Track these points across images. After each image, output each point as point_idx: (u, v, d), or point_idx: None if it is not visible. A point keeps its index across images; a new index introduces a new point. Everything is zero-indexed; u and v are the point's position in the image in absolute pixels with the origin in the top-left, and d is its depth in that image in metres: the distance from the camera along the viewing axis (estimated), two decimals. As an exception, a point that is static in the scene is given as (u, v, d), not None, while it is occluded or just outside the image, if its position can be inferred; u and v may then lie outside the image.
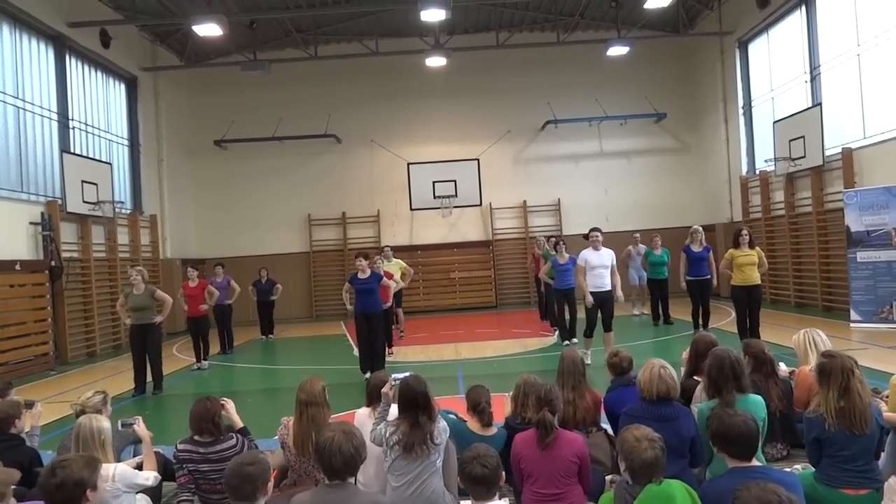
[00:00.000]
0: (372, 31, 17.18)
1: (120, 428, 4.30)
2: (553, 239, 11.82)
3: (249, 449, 3.98)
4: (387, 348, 10.57)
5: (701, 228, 11.00)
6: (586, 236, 8.92)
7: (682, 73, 19.12)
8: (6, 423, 4.17)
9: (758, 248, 9.11)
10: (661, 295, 12.57)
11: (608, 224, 18.29)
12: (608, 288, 8.74)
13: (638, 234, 14.28)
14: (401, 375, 4.07)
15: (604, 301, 8.76)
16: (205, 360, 10.99)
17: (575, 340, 10.00)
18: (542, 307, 13.68)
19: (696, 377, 4.73)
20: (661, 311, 12.61)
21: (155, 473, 3.98)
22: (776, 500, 2.32)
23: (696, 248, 10.70)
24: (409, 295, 18.60)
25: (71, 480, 2.78)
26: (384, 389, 4.04)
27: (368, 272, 8.78)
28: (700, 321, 10.87)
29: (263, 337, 14.47)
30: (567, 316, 10.58)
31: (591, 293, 8.68)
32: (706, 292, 10.77)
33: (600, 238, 8.75)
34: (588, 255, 8.72)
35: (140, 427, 4.22)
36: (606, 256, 8.71)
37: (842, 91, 13.10)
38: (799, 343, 4.83)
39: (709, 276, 10.71)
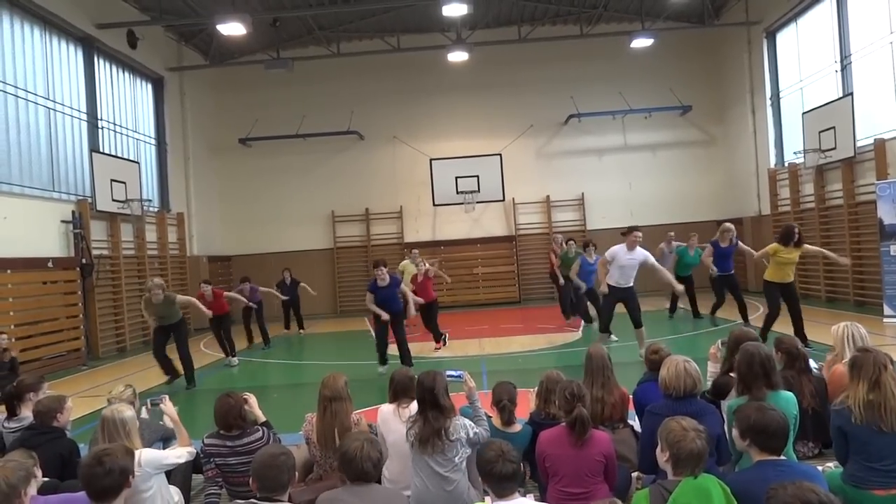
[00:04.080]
0: (393, 27, 17.20)
1: (149, 407, 4.38)
2: (571, 241, 12.02)
3: (274, 442, 4.03)
4: (438, 342, 11.06)
5: (732, 226, 10.82)
6: (625, 233, 8.76)
7: (707, 65, 18.81)
8: (49, 416, 4.30)
9: (805, 245, 8.78)
10: (687, 291, 12.40)
11: (633, 218, 18.22)
12: (630, 285, 8.66)
13: (672, 233, 13.81)
14: (454, 373, 4.11)
15: (627, 298, 8.67)
16: (233, 356, 11.12)
17: (614, 338, 9.94)
18: (563, 305, 13.51)
19: (732, 374, 4.63)
20: (686, 306, 12.64)
21: (189, 449, 4.04)
22: (815, 499, 2.26)
23: (724, 244, 10.58)
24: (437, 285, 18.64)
25: (118, 468, 2.92)
26: None
27: (388, 279, 8.91)
28: (701, 312, 11.76)
29: (286, 331, 14.71)
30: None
31: (613, 287, 8.62)
32: (735, 286, 10.76)
33: (640, 238, 8.55)
34: (618, 252, 8.56)
35: (167, 405, 4.30)
36: (640, 255, 8.53)
37: (874, 80, 12.77)
38: (837, 336, 4.69)
39: (733, 272, 10.72)
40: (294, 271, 14.96)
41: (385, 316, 8.82)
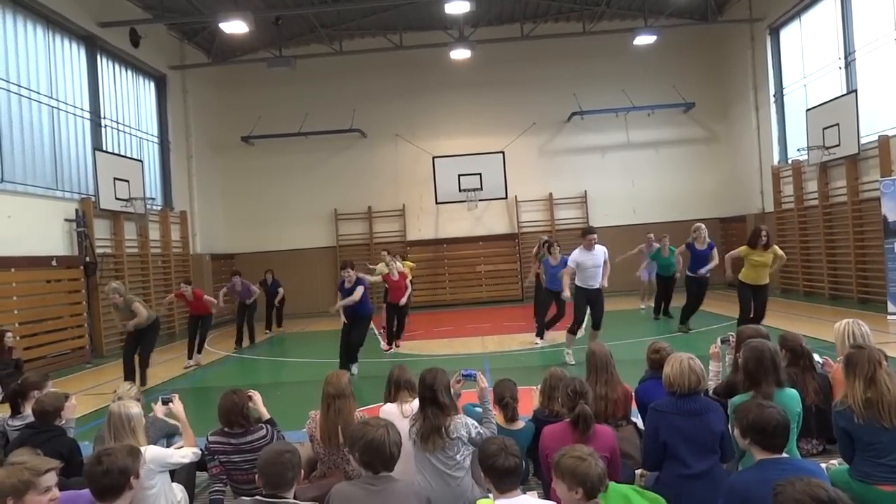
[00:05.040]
0: (396, 24, 17.19)
1: (160, 404, 4.41)
2: (547, 241, 11.69)
3: (278, 439, 4.04)
4: (389, 345, 10.84)
5: (703, 226, 10.72)
6: (583, 234, 8.71)
7: (710, 62, 18.77)
8: (52, 415, 4.31)
9: (774, 247, 8.81)
10: (665, 290, 12.39)
11: (635, 216, 18.31)
12: (597, 286, 8.63)
13: (652, 235, 13.94)
14: (470, 371, 4.11)
15: (595, 300, 8.67)
16: (198, 353, 10.96)
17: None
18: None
19: None
20: (662, 306, 12.59)
21: (194, 450, 4.04)
22: (825, 496, 2.24)
23: (699, 246, 10.48)
24: (434, 288, 18.70)
25: (116, 468, 2.91)
26: (452, 382, 4.06)
27: (354, 279, 9.02)
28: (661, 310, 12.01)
29: (268, 332, 14.53)
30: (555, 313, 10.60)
31: (581, 288, 8.61)
32: (703, 290, 10.67)
33: (596, 239, 8.58)
34: (580, 258, 8.55)
35: (176, 404, 4.31)
36: (599, 255, 8.57)
37: (878, 77, 12.73)
38: (838, 334, 4.69)
39: (708, 276, 10.61)
40: (297, 270, 14.99)
41: (343, 319, 9.15)
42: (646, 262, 13.38)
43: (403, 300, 10.85)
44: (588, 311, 8.84)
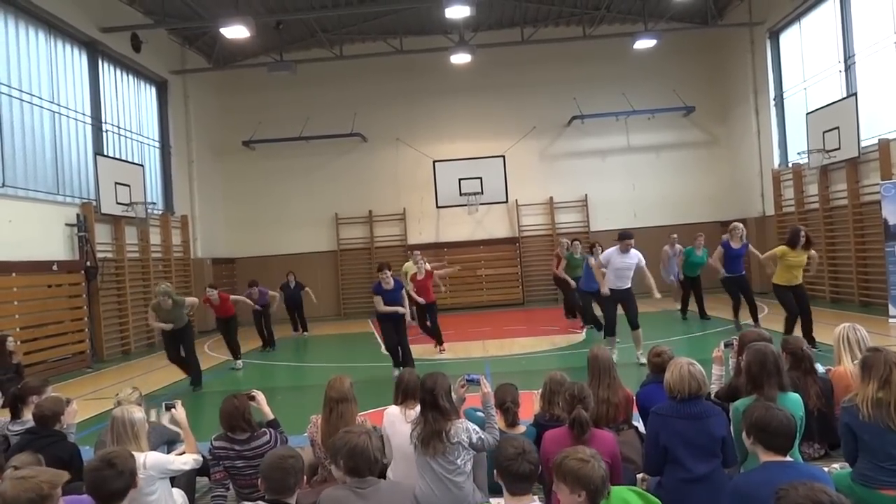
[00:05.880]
0: (396, 29, 17.24)
1: (163, 410, 4.41)
2: (581, 243, 11.76)
3: (282, 443, 4.03)
4: (441, 345, 10.98)
5: (741, 225, 10.52)
6: (619, 238, 8.65)
7: (711, 66, 18.79)
8: (53, 420, 4.30)
9: (812, 251, 8.69)
10: (695, 292, 12.37)
11: (636, 220, 18.29)
12: (627, 286, 8.65)
13: (675, 235, 13.74)
14: (474, 376, 4.11)
15: (625, 299, 8.68)
16: (237, 359, 11.12)
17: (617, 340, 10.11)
18: (567, 305, 13.52)
19: None
20: (693, 307, 12.50)
21: (195, 456, 4.02)
22: (827, 500, 2.23)
23: (735, 245, 10.25)
24: (435, 292, 18.64)
25: (128, 470, 2.99)
26: (456, 386, 4.04)
27: (392, 282, 9.00)
28: (708, 313, 11.77)
29: (295, 333, 14.85)
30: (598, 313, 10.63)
31: (611, 290, 8.64)
32: (746, 288, 10.48)
33: (632, 244, 8.55)
34: (612, 256, 8.58)
35: (178, 410, 4.30)
36: (633, 257, 8.54)
37: (878, 80, 12.74)
38: (835, 339, 4.70)
39: (744, 273, 10.44)
40: (298, 274, 14.99)
41: (402, 310, 8.94)
42: (673, 261, 13.11)
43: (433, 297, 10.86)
44: (620, 311, 8.87)
